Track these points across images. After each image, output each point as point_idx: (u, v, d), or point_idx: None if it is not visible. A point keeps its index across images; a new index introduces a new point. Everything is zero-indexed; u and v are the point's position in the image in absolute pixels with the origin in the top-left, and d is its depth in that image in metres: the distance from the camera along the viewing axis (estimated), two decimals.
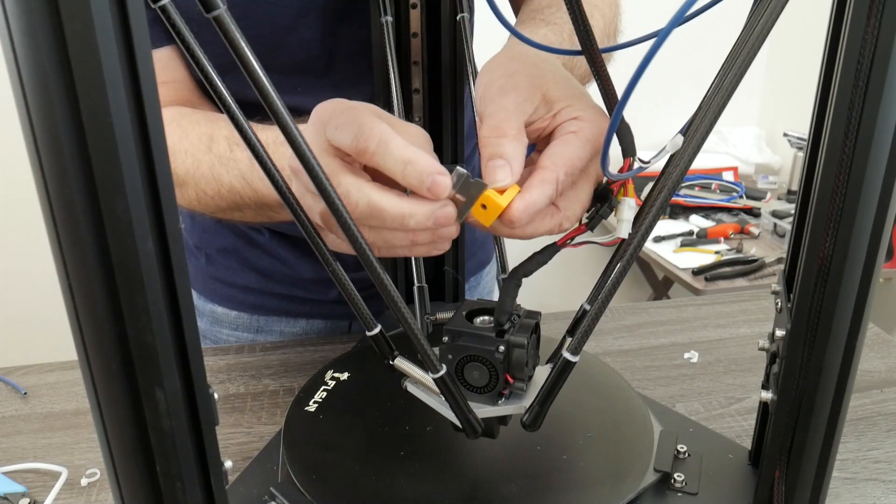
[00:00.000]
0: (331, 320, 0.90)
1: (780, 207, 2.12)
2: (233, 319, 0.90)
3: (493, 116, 0.45)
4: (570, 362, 0.44)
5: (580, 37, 0.45)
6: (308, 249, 0.84)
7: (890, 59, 0.34)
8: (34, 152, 0.26)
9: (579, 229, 0.47)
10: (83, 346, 0.29)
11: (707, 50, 0.44)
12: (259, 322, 0.89)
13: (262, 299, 0.88)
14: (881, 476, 0.60)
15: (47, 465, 0.62)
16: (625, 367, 0.76)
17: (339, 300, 0.87)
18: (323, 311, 0.89)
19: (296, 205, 0.40)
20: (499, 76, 0.47)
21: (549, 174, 0.43)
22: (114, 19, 0.24)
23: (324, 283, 0.86)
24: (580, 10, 0.43)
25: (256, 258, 0.86)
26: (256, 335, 0.90)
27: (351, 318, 0.90)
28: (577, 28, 0.44)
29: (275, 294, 0.88)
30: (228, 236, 0.87)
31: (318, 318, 0.90)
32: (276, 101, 0.35)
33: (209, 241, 0.88)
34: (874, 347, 0.79)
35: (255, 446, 0.63)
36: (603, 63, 0.46)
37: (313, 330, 0.90)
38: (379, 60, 0.66)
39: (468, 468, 0.53)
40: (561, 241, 0.47)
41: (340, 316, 0.90)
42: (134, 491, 0.32)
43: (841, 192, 0.37)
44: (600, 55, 0.46)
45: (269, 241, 0.85)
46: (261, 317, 0.89)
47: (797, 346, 0.42)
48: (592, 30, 0.44)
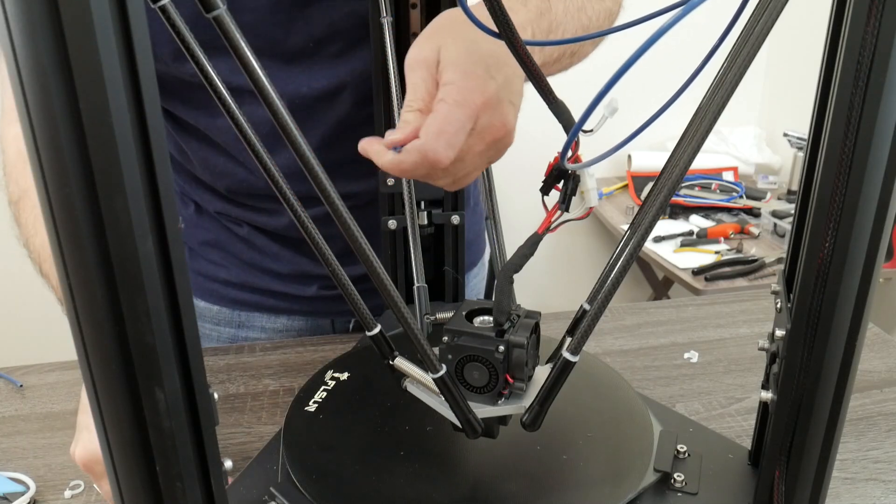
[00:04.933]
0: (311, 317, 0.91)
1: (780, 207, 2.12)
2: (214, 314, 0.90)
3: (408, 93, 0.51)
4: (570, 362, 0.44)
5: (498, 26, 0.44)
6: (288, 242, 0.85)
7: (890, 59, 0.34)
8: (34, 152, 0.26)
9: (553, 212, 0.48)
10: (83, 346, 0.29)
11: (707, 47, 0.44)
12: (241, 317, 0.90)
13: (244, 294, 0.89)
14: (881, 476, 0.60)
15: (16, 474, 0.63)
16: (625, 367, 0.76)
17: (318, 296, 0.88)
18: (304, 308, 0.90)
19: (296, 205, 0.40)
20: (413, 47, 0.53)
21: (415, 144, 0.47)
22: (114, 19, 0.24)
23: (303, 277, 0.87)
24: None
25: (238, 251, 0.87)
26: (238, 330, 0.90)
27: (333, 316, 0.91)
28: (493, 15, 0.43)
29: (255, 288, 0.88)
30: (211, 230, 0.87)
31: (299, 315, 0.90)
32: (275, 102, 0.35)
33: (192, 234, 0.89)
34: (874, 347, 0.79)
35: (255, 446, 0.63)
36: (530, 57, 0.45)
37: (295, 327, 0.91)
38: (379, 61, 0.66)
39: (468, 468, 0.53)
40: (541, 228, 0.48)
41: (321, 313, 0.90)
42: (134, 491, 0.32)
43: (841, 192, 0.37)
44: (524, 47, 0.45)
45: (249, 233, 0.86)
46: (242, 312, 0.90)
47: (797, 346, 0.42)
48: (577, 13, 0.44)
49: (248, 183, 0.81)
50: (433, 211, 0.72)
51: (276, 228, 0.84)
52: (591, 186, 0.47)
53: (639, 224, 0.44)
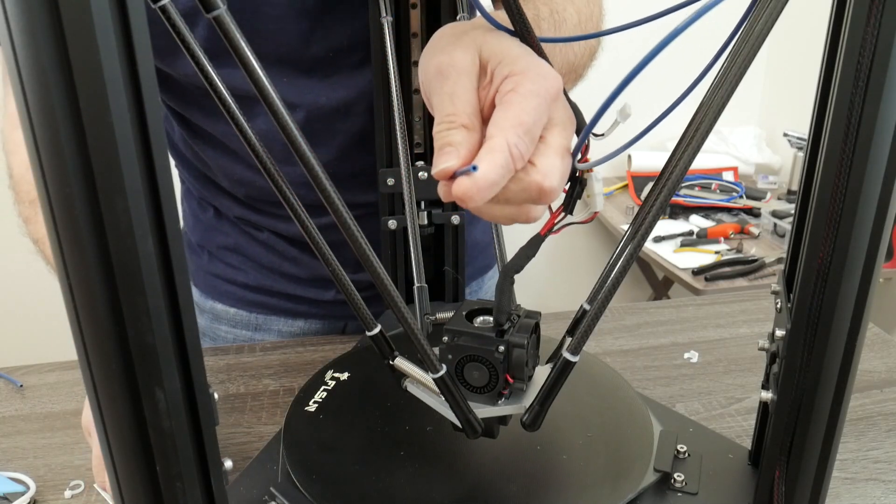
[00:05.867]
0: (328, 321, 0.91)
1: (780, 207, 2.12)
2: (231, 316, 0.90)
3: (441, 108, 0.42)
4: (570, 362, 0.44)
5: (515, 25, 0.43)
6: (307, 247, 0.85)
7: (890, 59, 0.34)
8: (34, 152, 0.26)
9: (557, 213, 0.47)
10: (83, 346, 0.29)
11: (708, 50, 0.44)
12: (258, 320, 0.90)
13: (261, 297, 0.89)
14: (881, 476, 0.60)
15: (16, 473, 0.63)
16: (625, 367, 0.76)
17: (335, 300, 0.88)
18: (321, 312, 0.89)
19: (298, 207, 0.41)
20: (433, 56, 0.44)
21: (496, 142, 0.39)
22: (114, 19, 0.24)
23: (321, 282, 0.87)
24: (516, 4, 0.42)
25: (257, 255, 0.87)
26: (255, 333, 0.90)
27: (347, 319, 0.90)
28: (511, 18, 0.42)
29: (273, 292, 0.88)
30: (230, 234, 0.87)
31: (316, 318, 0.90)
32: (275, 102, 0.35)
33: (211, 238, 0.89)
34: (874, 347, 0.79)
35: (255, 446, 0.63)
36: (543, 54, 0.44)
37: (311, 330, 0.90)
38: (379, 60, 0.66)
39: (468, 468, 0.53)
40: (544, 229, 0.47)
41: (337, 317, 0.90)
42: (134, 491, 0.32)
43: (841, 192, 0.37)
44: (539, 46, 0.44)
45: (269, 237, 0.85)
46: (259, 315, 0.90)
47: (797, 346, 0.42)
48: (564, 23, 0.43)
49: (268, 191, 0.79)
50: (433, 211, 0.72)
51: (296, 234, 0.84)
52: (597, 191, 0.46)
53: (639, 224, 0.44)
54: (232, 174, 0.80)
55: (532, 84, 0.41)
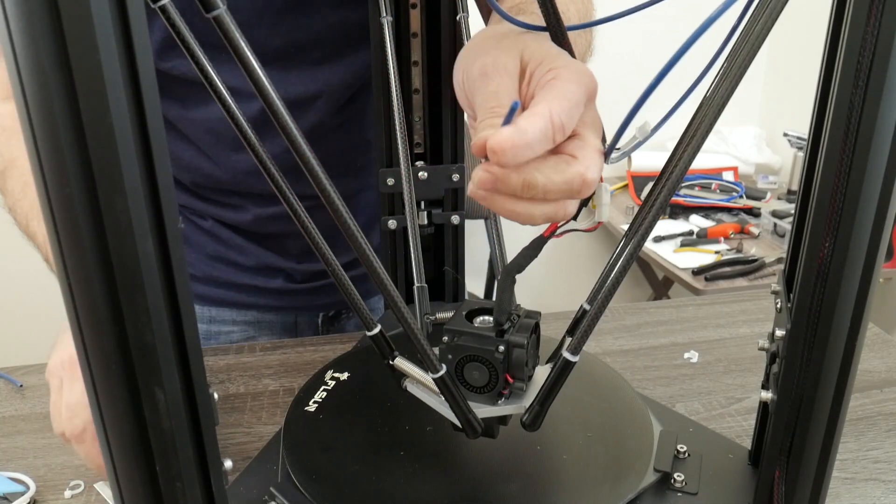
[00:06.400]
0: (280, 313, 0.92)
1: (780, 207, 2.11)
2: None
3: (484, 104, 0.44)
4: (570, 362, 0.44)
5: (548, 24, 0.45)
6: (252, 236, 0.87)
7: (890, 59, 0.34)
8: (34, 152, 0.26)
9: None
10: (83, 346, 0.29)
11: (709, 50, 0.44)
12: (210, 312, 0.91)
13: (209, 289, 0.90)
14: (881, 476, 0.60)
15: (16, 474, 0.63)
16: (625, 367, 0.76)
17: (283, 289, 0.90)
18: (270, 303, 0.91)
19: (293, 201, 0.41)
20: (475, 58, 0.47)
21: (539, 108, 0.40)
22: (114, 19, 0.24)
23: (267, 270, 0.89)
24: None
25: (202, 243, 0.88)
26: (210, 325, 0.92)
27: (297, 312, 0.92)
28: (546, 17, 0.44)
29: (220, 282, 0.90)
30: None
31: (266, 310, 0.92)
32: (275, 102, 0.36)
33: None
34: (874, 347, 0.79)
35: (255, 446, 0.63)
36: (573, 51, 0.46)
37: (265, 321, 0.92)
38: (379, 60, 0.66)
39: (468, 468, 0.53)
40: (547, 231, 0.47)
41: (286, 308, 0.92)
42: (134, 491, 0.32)
43: (841, 192, 0.37)
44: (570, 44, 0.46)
45: (213, 226, 0.87)
46: (211, 308, 0.91)
47: (797, 346, 0.42)
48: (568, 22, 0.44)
49: (214, 177, 0.82)
50: (433, 211, 0.72)
51: (240, 223, 0.86)
52: (605, 201, 0.46)
53: (639, 224, 0.44)
54: (179, 159, 0.81)
55: (573, 75, 0.43)
